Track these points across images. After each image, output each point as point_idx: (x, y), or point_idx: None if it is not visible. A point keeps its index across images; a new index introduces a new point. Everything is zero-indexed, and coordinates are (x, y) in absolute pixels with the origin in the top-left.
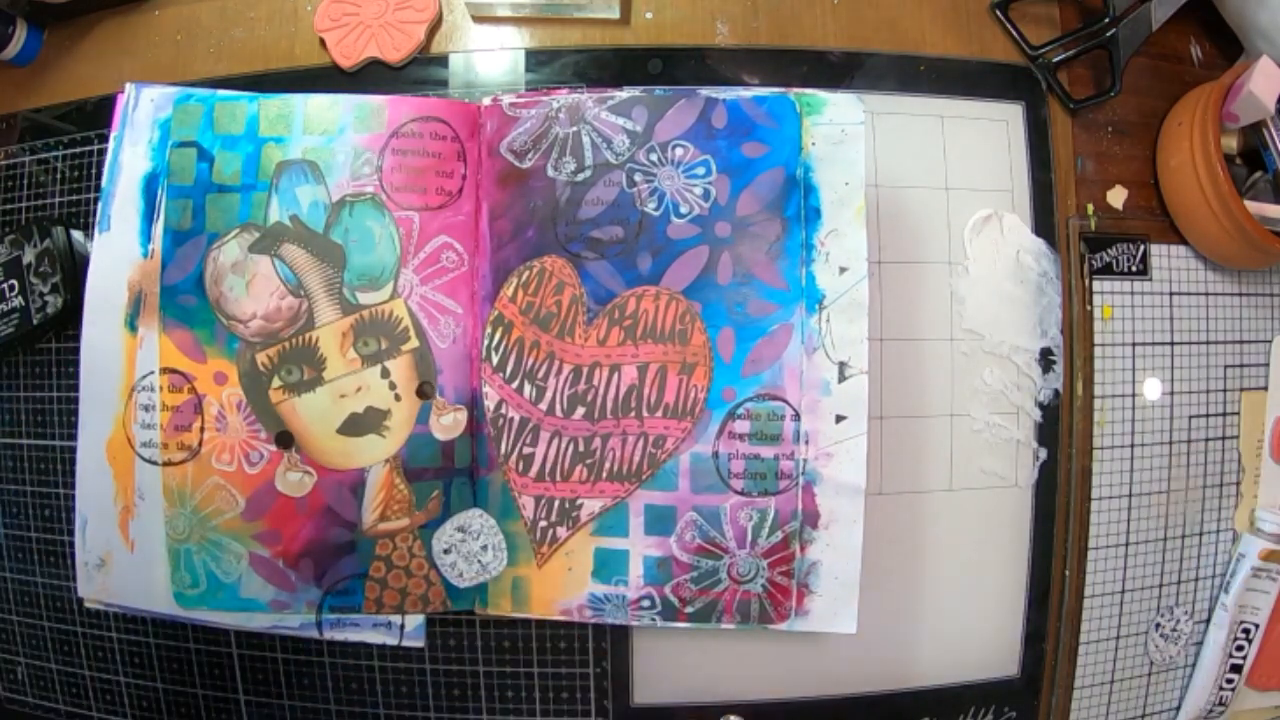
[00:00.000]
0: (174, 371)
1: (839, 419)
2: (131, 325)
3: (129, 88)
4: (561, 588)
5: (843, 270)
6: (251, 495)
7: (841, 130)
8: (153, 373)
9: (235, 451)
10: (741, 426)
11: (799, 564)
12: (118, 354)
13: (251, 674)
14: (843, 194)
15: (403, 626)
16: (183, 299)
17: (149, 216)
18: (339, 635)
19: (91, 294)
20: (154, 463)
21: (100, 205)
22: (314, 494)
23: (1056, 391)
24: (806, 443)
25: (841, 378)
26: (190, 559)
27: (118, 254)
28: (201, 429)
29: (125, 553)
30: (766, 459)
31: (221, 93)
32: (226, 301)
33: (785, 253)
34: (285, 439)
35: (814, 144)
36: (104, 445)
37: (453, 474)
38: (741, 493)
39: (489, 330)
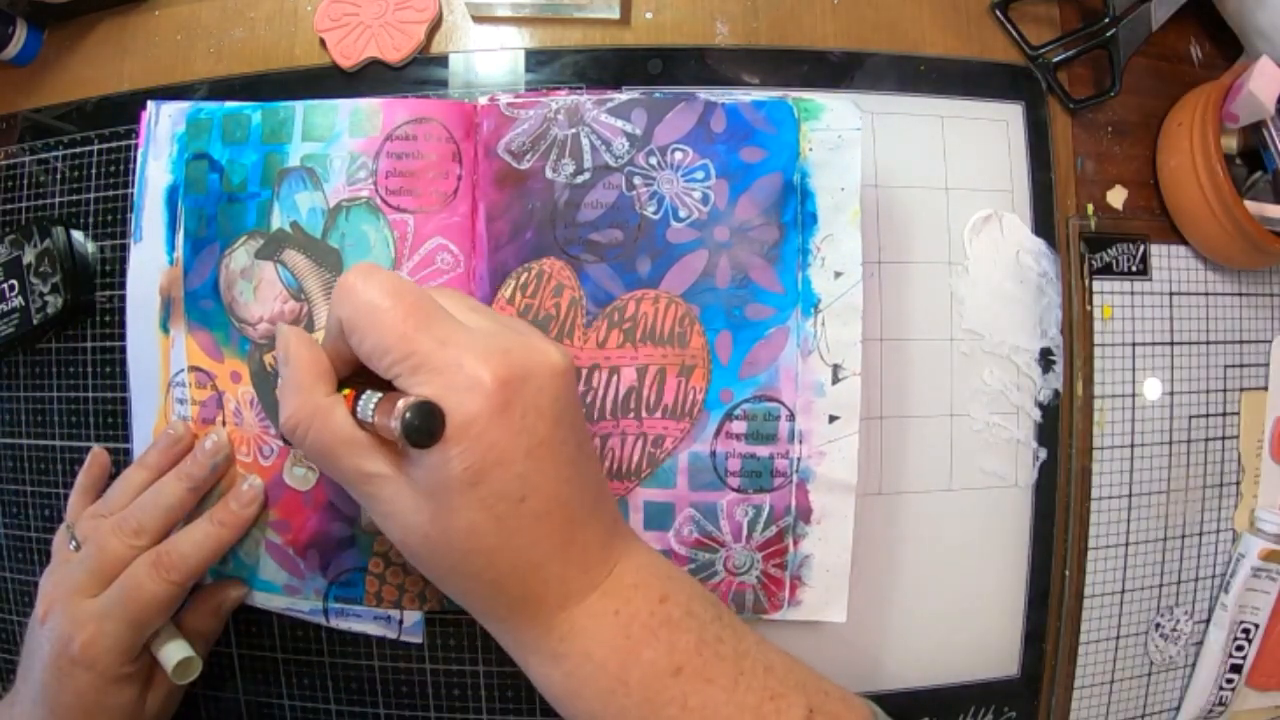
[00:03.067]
0: (199, 370)
1: (832, 419)
2: (164, 327)
3: (150, 105)
4: None
5: (838, 275)
6: (266, 486)
7: (838, 136)
8: (183, 370)
9: (251, 445)
10: (738, 426)
11: (792, 557)
12: (155, 353)
13: (251, 673)
14: (838, 199)
15: (401, 621)
16: (203, 303)
17: (172, 226)
18: (343, 624)
19: (131, 299)
20: None
21: (134, 218)
22: (317, 489)
23: (1056, 391)
24: (800, 442)
25: (835, 379)
26: None
27: (149, 262)
28: (223, 422)
29: None
30: (762, 458)
31: (228, 105)
32: (238, 305)
33: (782, 257)
34: None
35: (811, 149)
36: (151, 433)
37: None
38: (738, 490)
39: None
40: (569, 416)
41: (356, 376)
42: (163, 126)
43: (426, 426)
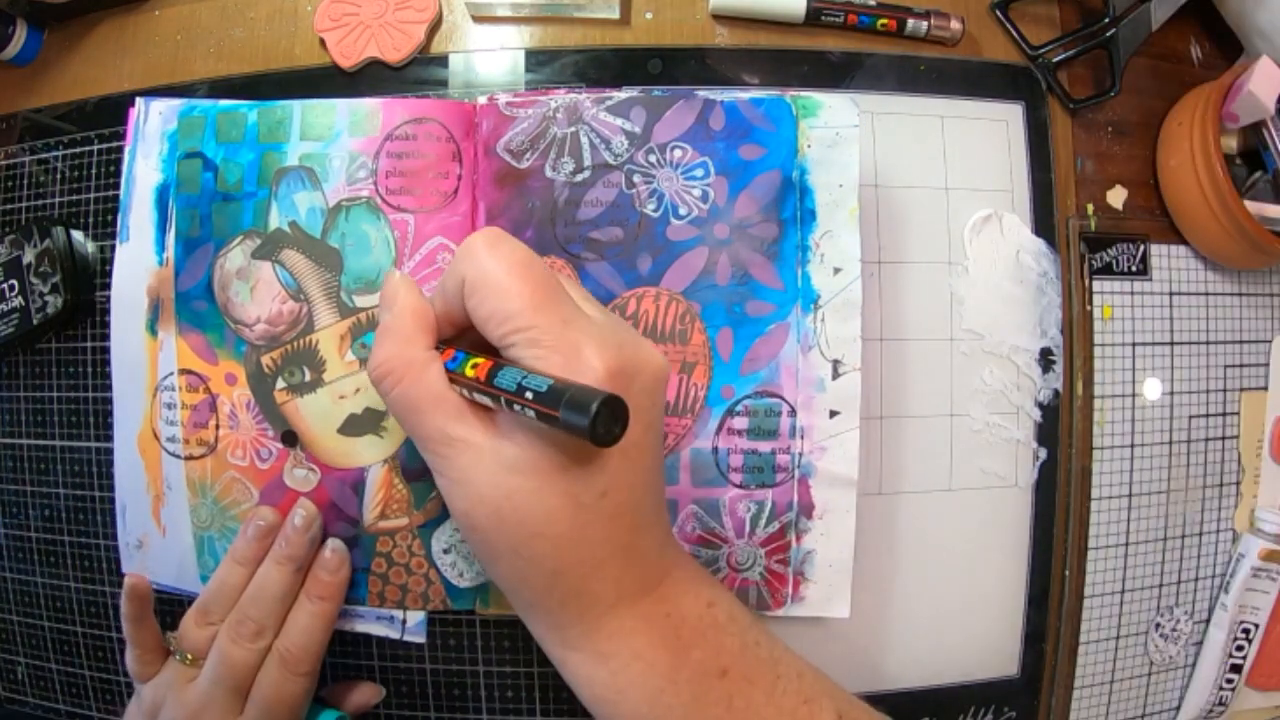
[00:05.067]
0: (190, 373)
1: (832, 414)
2: (152, 329)
3: (139, 102)
4: None
5: (837, 271)
6: (264, 489)
7: (836, 133)
8: (172, 373)
9: (247, 448)
10: (740, 423)
11: (794, 553)
12: (142, 356)
13: None
14: (837, 196)
15: (404, 621)
16: (195, 304)
17: (162, 226)
18: (345, 625)
19: (116, 301)
20: (177, 456)
21: (120, 218)
22: (319, 490)
23: (1056, 391)
24: (802, 437)
25: (835, 375)
26: (213, 545)
27: (136, 263)
28: (217, 426)
29: (158, 537)
30: (764, 453)
31: (223, 103)
32: (233, 306)
33: (781, 254)
34: (290, 438)
35: (809, 146)
36: (135, 439)
37: None
38: (740, 486)
39: None
40: (659, 422)
41: (456, 341)
42: (152, 124)
43: (621, 424)
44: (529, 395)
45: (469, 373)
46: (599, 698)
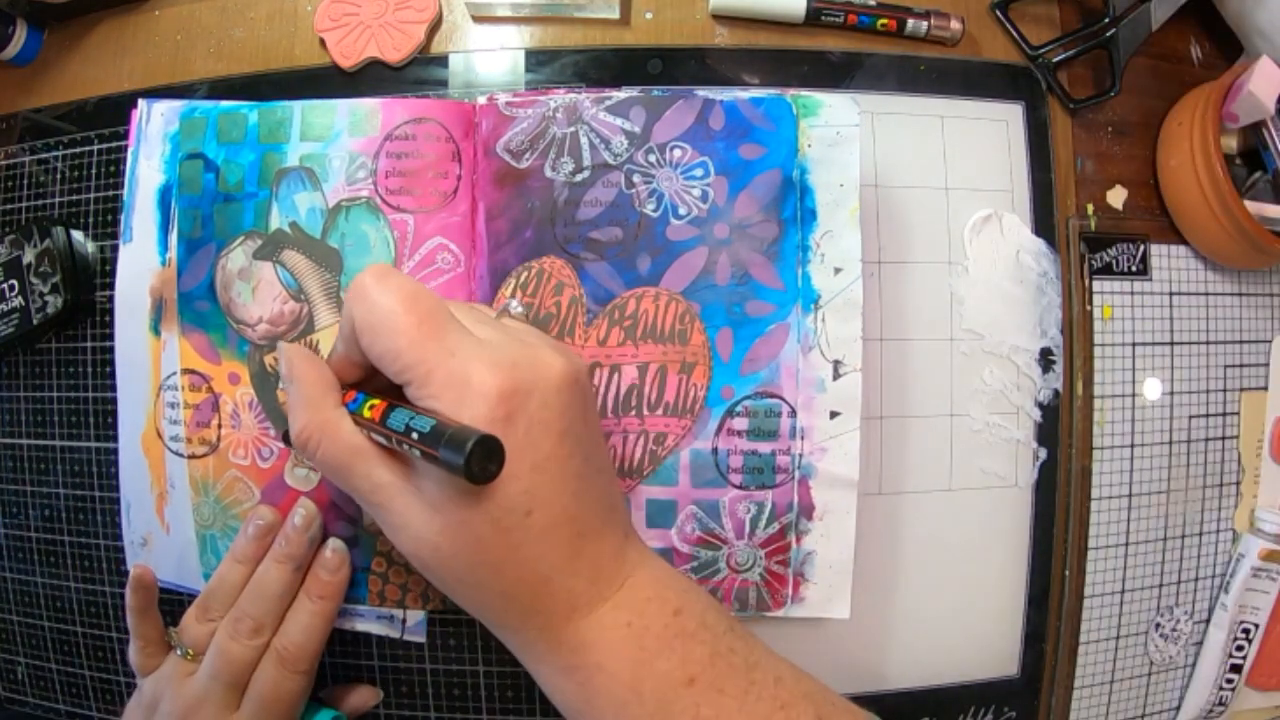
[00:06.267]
0: (193, 372)
1: (833, 415)
2: (155, 329)
3: (141, 104)
4: None
5: (837, 271)
6: (265, 488)
7: (836, 132)
8: (175, 373)
9: (249, 447)
10: (740, 423)
11: (795, 554)
12: (145, 356)
13: None
14: (837, 195)
15: (404, 621)
16: (198, 304)
17: (165, 227)
18: (345, 625)
19: (120, 301)
20: (180, 455)
21: (123, 218)
22: (319, 489)
23: (1056, 391)
24: (802, 438)
25: (836, 375)
26: (215, 543)
27: (139, 263)
28: (219, 425)
29: (162, 535)
30: (764, 454)
31: (224, 104)
32: (235, 306)
33: (782, 254)
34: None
35: (810, 146)
36: (139, 438)
37: None
38: (740, 487)
39: None
40: (577, 429)
41: (369, 381)
42: (154, 125)
43: (497, 462)
44: (414, 435)
45: (366, 414)
46: (571, 708)
